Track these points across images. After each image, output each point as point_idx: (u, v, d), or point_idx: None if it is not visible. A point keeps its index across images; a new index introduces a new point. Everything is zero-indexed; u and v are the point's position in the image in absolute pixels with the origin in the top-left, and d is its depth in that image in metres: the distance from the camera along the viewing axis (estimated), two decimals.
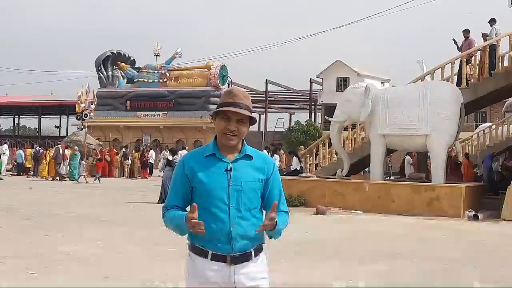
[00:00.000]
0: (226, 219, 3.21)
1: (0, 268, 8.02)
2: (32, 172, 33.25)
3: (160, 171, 24.54)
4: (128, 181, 31.29)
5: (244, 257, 3.26)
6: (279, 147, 28.90)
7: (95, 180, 28.32)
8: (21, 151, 34.52)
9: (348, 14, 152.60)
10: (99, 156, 32.45)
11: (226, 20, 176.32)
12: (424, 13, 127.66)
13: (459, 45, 20.29)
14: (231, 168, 3.27)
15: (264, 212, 3.38)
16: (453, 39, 20.58)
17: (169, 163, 19.20)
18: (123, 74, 50.95)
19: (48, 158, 31.54)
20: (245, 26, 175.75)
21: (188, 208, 3.34)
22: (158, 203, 17.64)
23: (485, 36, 19.95)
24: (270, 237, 3.35)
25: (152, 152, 36.86)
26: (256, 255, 3.32)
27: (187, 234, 3.30)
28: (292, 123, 56.76)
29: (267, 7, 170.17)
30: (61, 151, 30.65)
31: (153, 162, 35.84)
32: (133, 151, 36.16)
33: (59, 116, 68.01)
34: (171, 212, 3.33)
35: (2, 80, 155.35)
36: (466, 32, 20.30)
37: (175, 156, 19.50)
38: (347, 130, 21.83)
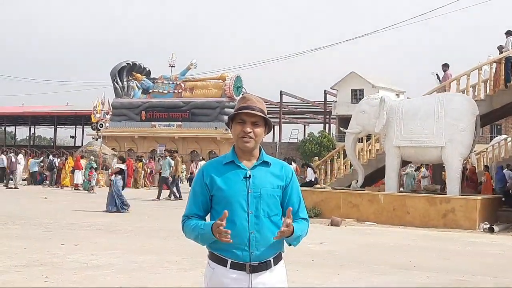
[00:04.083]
0: (245, 226, 3.21)
1: (17, 276, 8.09)
2: (47, 182, 33.52)
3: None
4: (138, 191, 31.18)
5: (263, 266, 3.25)
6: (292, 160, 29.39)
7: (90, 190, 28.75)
8: (37, 161, 34.89)
9: (362, 26, 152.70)
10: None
11: (241, 32, 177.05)
12: (439, 25, 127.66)
13: (441, 79, 21.19)
14: (249, 175, 3.28)
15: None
16: (436, 74, 21.60)
17: (120, 172, 18.81)
18: (138, 85, 51.10)
19: (67, 168, 31.77)
20: (260, 37, 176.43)
21: (208, 218, 3.37)
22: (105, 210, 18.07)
23: (500, 48, 19.90)
24: (289, 244, 3.35)
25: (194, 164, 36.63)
26: (275, 263, 3.31)
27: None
28: (306, 135, 56.75)
29: (282, 19, 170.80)
30: (13, 159, 30.85)
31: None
32: (137, 161, 35.80)
33: (74, 126, 68.50)
34: (193, 221, 3.32)
35: (18, 90, 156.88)
36: (444, 66, 21.36)
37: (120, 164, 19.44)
38: (362, 142, 21.82)
